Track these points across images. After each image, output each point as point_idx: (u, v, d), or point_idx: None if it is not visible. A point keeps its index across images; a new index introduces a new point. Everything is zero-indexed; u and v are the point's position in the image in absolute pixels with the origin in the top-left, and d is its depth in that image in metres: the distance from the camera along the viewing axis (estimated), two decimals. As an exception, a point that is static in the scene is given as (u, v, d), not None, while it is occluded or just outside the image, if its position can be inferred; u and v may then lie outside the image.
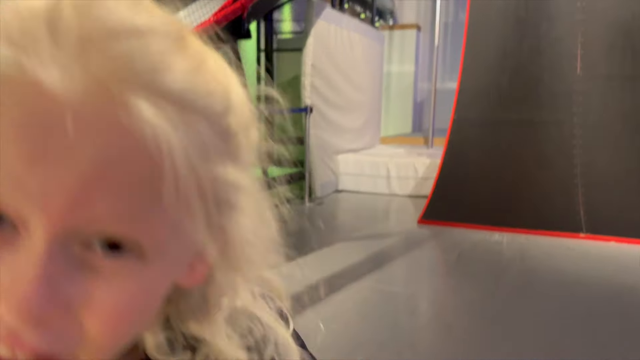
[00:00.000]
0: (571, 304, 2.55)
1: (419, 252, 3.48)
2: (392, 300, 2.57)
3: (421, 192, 5.45)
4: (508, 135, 4.55)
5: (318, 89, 5.14)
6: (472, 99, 4.82)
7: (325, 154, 5.43)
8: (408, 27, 11.44)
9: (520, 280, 2.90)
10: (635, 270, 3.06)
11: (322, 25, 5.10)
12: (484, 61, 4.90)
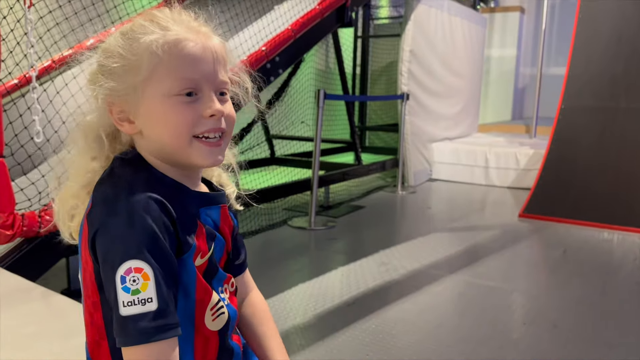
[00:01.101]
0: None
1: (520, 247, 3.34)
2: (491, 295, 2.51)
3: (522, 184, 5.21)
4: (621, 126, 4.21)
5: (415, 75, 5.06)
6: (582, 86, 4.51)
7: (419, 142, 5.35)
8: (511, 10, 10.84)
9: (634, 280, 2.69)
10: None
11: (423, 9, 4.99)
12: (597, 46, 4.55)
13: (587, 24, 4.60)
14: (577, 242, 3.37)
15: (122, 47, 0.69)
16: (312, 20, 2.78)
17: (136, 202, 0.63)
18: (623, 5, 4.48)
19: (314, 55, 5.15)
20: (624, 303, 2.42)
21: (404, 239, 3.40)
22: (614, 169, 4.06)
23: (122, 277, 0.61)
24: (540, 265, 3.15)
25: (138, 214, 0.63)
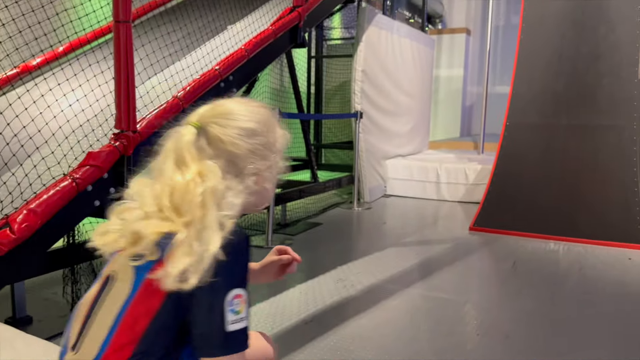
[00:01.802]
0: (634, 319, 2.46)
1: (471, 259, 3.44)
2: (446, 307, 2.57)
3: (472, 198, 5.38)
4: (564, 142, 4.43)
5: (368, 95, 5.17)
6: (525, 104, 4.73)
7: (374, 159, 5.45)
8: (458, 31, 11.31)
9: (580, 291, 2.83)
10: None
11: (373, 31, 5.13)
12: (539, 65, 4.80)
13: (528, 45, 4.86)
14: (525, 254, 3.51)
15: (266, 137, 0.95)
16: (265, 41, 2.81)
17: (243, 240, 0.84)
18: (563, 26, 4.76)
19: (269, 75, 5.18)
20: (572, 312, 2.53)
21: (361, 254, 3.44)
22: (557, 182, 4.26)
23: (229, 302, 0.78)
24: (492, 277, 3.25)
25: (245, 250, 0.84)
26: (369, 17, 4.98)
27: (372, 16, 5.06)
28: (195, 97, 2.30)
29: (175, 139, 0.87)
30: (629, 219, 3.84)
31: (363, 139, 5.14)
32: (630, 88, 4.35)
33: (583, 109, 4.49)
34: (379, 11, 5.47)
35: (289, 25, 3.09)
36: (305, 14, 3.22)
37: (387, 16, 5.70)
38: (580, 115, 4.48)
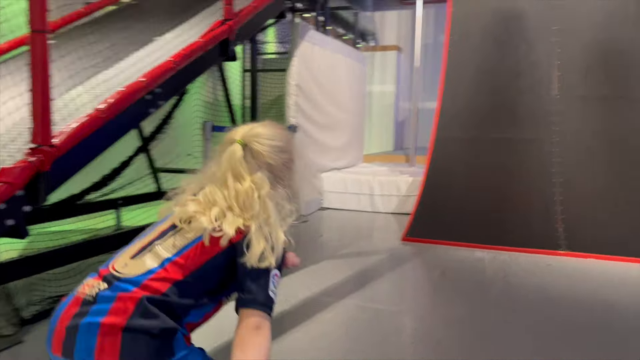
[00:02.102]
0: (554, 320, 2.60)
1: (404, 269, 3.52)
2: (379, 317, 2.60)
3: (404, 209, 5.52)
4: (489, 154, 4.65)
5: (302, 109, 5.21)
6: (452, 119, 4.92)
7: (310, 172, 5.47)
8: (389, 49, 11.68)
9: (504, 297, 2.95)
10: (615, 287, 3.15)
11: (307, 46, 5.19)
12: (464, 82, 5.02)
13: (454, 62, 5.08)
14: (454, 263, 3.63)
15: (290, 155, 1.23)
16: (194, 53, 2.76)
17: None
18: (486, 44, 5.02)
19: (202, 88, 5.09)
20: (498, 318, 2.63)
21: (297, 268, 3.41)
22: (483, 193, 4.46)
23: (273, 276, 1.08)
24: (423, 286, 3.33)
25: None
26: (302, 33, 5.03)
27: (305, 32, 5.12)
28: (119, 110, 2.20)
29: (229, 154, 1.15)
30: (549, 227, 4.07)
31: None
32: (548, 104, 4.64)
33: (506, 123, 4.74)
34: (312, 27, 5.55)
35: (220, 38, 3.05)
36: (236, 28, 3.20)
37: (320, 32, 5.78)
38: (503, 129, 4.72)
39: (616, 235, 3.91)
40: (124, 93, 2.27)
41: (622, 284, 3.19)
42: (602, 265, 3.58)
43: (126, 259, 1.09)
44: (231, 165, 1.13)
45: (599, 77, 4.53)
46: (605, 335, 2.41)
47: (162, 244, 1.10)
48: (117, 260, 1.10)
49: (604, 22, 4.62)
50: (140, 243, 1.13)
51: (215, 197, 1.12)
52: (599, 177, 4.24)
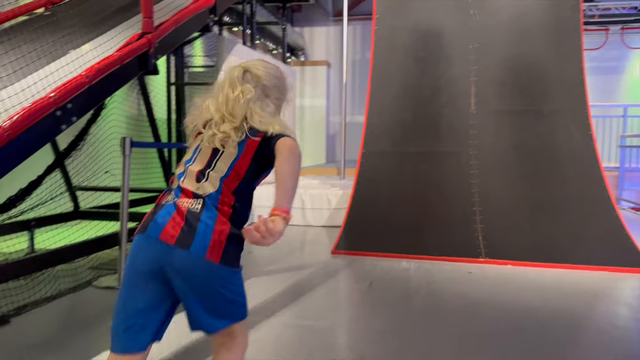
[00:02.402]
0: (474, 326, 2.71)
1: (333, 283, 3.53)
2: (306, 334, 2.58)
3: (335, 222, 5.57)
4: (413, 167, 4.80)
5: (230, 123, 5.15)
6: (379, 133, 5.05)
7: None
8: (319, 64, 11.88)
9: (428, 306, 3.04)
10: (530, 291, 3.33)
11: (234, 60, 5.15)
12: (388, 97, 5.17)
13: (379, 78, 5.23)
14: (381, 273, 3.69)
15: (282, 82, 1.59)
16: (109, 67, 2.65)
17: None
18: (408, 61, 5.20)
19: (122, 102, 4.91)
20: (421, 327, 2.70)
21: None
22: (408, 205, 4.59)
23: (293, 174, 1.40)
24: (350, 298, 3.36)
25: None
26: (229, 47, 5.00)
27: (232, 46, 5.08)
28: (24, 127, 2.07)
29: (230, 73, 1.52)
30: (470, 236, 4.25)
31: (226, 167, 5.08)
32: (466, 118, 4.88)
33: (428, 137, 4.92)
34: (240, 41, 5.52)
35: (138, 52, 2.96)
36: (156, 41, 3.12)
37: (247, 46, 5.76)
38: (425, 142, 4.90)
39: (531, 242, 4.14)
40: (31, 110, 2.14)
41: (537, 289, 3.38)
42: (519, 272, 3.78)
43: (192, 182, 1.43)
44: (229, 81, 1.50)
45: (512, 92, 4.83)
46: (522, 340, 2.53)
47: (214, 169, 1.43)
48: (185, 182, 1.44)
49: (515, 39, 4.94)
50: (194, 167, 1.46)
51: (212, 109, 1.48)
52: (514, 186, 4.49)
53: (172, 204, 1.41)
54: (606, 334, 2.63)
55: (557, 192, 4.38)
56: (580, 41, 4.82)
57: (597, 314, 2.96)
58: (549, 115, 4.66)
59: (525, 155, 4.60)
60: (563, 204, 4.32)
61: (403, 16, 5.30)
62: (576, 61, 4.75)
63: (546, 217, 4.27)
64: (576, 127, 4.57)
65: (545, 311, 2.93)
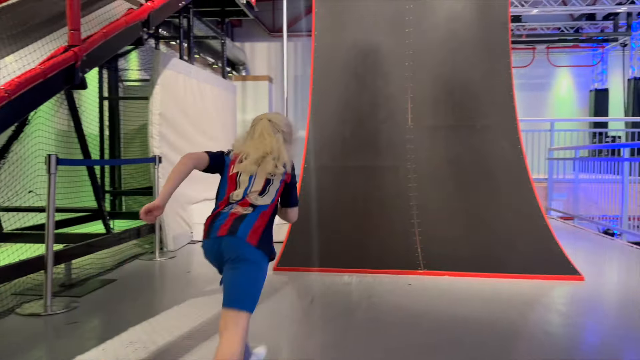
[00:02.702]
0: (413, 339, 2.73)
1: (275, 300, 3.47)
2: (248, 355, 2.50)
3: (278, 238, 5.43)
4: (353, 181, 4.84)
5: (167, 138, 5.00)
6: (320, 148, 5.06)
7: (177, 205, 5.24)
8: (261, 79, 11.85)
9: (368, 319, 3.04)
10: (467, 302, 3.40)
11: (170, 74, 5.03)
12: (329, 113, 5.21)
13: (319, 94, 5.26)
14: (323, 289, 3.67)
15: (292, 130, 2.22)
16: (31, 81, 2.50)
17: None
18: (346, 78, 5.27)
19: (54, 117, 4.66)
20: (364, 341, 2.68)
21: (160, 310, 3.20)
22: (350, 219, 4.61)
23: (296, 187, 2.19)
24: (293, 315, 3.31)
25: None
26: (164, 61, 4.87)
27: (168, 60, 4.96)
28: None
29: (259, 123, 2.12)
30: (409, 248, 4.32)
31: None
32: (403, 133, 4.99)
33: (367, 151, 4.99)
34: (176, 55, 5.40)
35: (63, 65, 2.81)
36: (84, 54, 2.98)
37: (185, 61, 5.65)
38: (365, 157, 4.96)
39: (467, 252, 4.26)
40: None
41: (474, 299, 3.46)
42: (456, 282, 3.87)
43: (256, 197, 2.01)
44: (264, 130, 2.10)
45: (446, 108, 4.99)
46: (459, 352, 2.58)
47: (266, 192, 2.04)
48: (250, 197, 2.00)
49: (448, 57, 5.12)
50: (255, 188, 2.03)
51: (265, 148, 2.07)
52: (450, 199, 4.62)
53: (227, 212, 1.99)
54: (538, 341, 2.72)
55: (491, 203, 4.55)
56: (509, 59, 5.06)
57: (530, 322, 3.07)
58: (482, 130, 4.85)
59: (460, 168, 4.75)
60: (496, 215, 4.48)
61: (341, 33, 5.38)
62: (505, 78, 4.99)
63: (481, 228, 4.41)
64: (507, 141, 4.78)
65: (481, 321, 3.01)
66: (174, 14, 5.12)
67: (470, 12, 5.18)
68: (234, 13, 7.04)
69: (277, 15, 14.20)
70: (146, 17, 4.00)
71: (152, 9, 4.07)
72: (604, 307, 3.36)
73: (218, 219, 1.97)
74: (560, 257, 4.14)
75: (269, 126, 2.08)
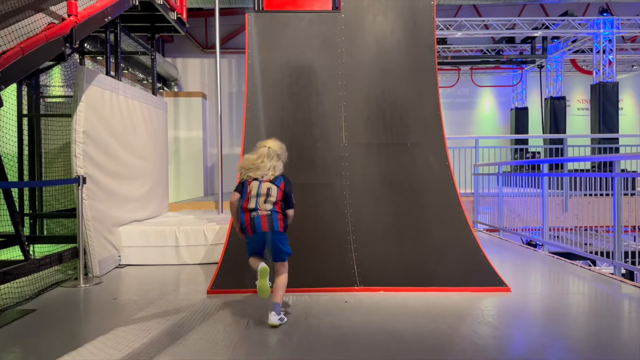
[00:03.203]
0: (348, 358, 2.72)
1: (209, 326, 3.36)
2: (176, 385, 2.40)
3: (212, 259, 5.38)
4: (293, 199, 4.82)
5: (92, 157, 4.77)
6: (255, 166, 5.01)
7: (104, 227, 4.99)
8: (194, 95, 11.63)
9: (304, 342, 3.01)
10: (401, 317, 3.46)
11: (95, 90, 4.82)
12: (264, 130, 5.19)
13: (254, 111, 5.23)
14: (259, 311, 3.60)
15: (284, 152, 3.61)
16: None
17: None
18: (281, 96, 5.29)
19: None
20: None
21: (83, 340, 3.01)
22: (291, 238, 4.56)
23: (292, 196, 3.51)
24: (228, 340, 3.20)
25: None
26: (89, 77, 4.66)
27: (93, 76, 4.76)
28: None
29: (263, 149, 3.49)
30: (345, 265, 4.35)
31: (89, 205, 4.67)
32: (338, 150, 5.06)
33: (303, 169, 5.00)
34: (101, 70, 5.19)
35: (-26, 82, 2.61)
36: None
37: (112, 77, 5.44)
38: (301, 175, 4.97)
39: (400, 267, 4.35)
40: None
41: (407, 314, 3.53)
42: (391, 297, 3.93)
43: (263, 205, 3.34)
44: (265, 155, 3.44)
45: (378, 126, 5.12)
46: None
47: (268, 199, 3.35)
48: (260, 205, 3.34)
49: (379, 77, 5.28)
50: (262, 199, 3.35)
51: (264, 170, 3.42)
52: (383, 215, 4.71)
53: (258, 216, 3.33)
54: (468, 354, 2.80)
55: (421, 218, 4.69)
56: (436, 79, 5.29)
57: (461, 335, 3.16)
58: (412, 148, 5.02)
59: (392, 184, 4.87)
60: (426, 230, 4.62)
61: (275, 52, 5.41)
62: (433, 98, 5.20)
63: (412, 243, 4.53)
64: (435, 158, 4.96)
65: (413, 336, 3.06)
66: (101, 28, 4.93)
67: (398, 34, 5.37)
68: (165, 29, 6.88)
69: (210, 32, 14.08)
70: (69, 32, 3.81)
71: (75, 23, 3.88)
72: (529, 317, 3.53)
73: (255, 220, 3.34)
74: (488, 269, 4.32)
75: (268, 152, 3.45)
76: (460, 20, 12.73)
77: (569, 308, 3.71)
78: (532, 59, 14.51)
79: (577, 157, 8.75)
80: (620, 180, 4.81)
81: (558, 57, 14.99)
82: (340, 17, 5.43)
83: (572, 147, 10.75)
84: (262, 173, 3.38)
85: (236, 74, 13.90)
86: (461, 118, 15.83)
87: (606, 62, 12.68)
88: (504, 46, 15.02)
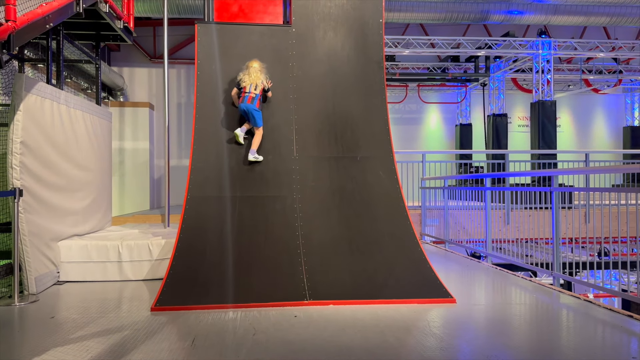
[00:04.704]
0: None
1: (152, 344, 3.23)
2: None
3: (157, 275, 5.22)
4: (240, 212, 4.78)
5: (30, 169, 4.54)
6: (204, 178, 4.94)
7: (41, 242, 4.75)
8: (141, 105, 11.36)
9: (252, 357, 2.95)
10: (350, 330, 3.46)
11: (35, 99, 4.60)
12: (213, 142, 5.12)
13: (203, 123, 5.15)
14: (206, 328, 3.51)
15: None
16: None
17: None
18: (229, 109, 5.24)
19: None
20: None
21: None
22: (235, 252, 4.51)
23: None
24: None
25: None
26: (28, 85, 4.45)
27: (32, 84, 4.54)
28: None
29: (253, 66, 5.23)
30: (295, 278, 4.33)
31: (25, 219, 4.43)
32: (289, 163, 5.05)
33: (254, 181, 4.97)
34: (42, 78, 4.97)
35: None
36: None
37: (53, 85, 5.21)
38: (251, 187, 4.93)
39: (350, 280, 4.37)
40: None
41: (356, 327, 3.54)
42: (340, 311, 3.93)
43: (253, 89, 5.15)
44: (254, 68, 5.21)
45: (329, 140, 5.16)
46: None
47: (256, 89, 5.15)
48: (250, 90, 5.15)
49: (329, 92, 5.34)
50: (252, 87, 5.15)
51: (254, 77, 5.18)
52: (333, 228, 4.73)
53: (247, 97, 5.12)
54: (415, 365, 2.83)
55: (370, 231, 4.74)
56: (385, 95, 5.40)
57: (408, 348, 3.19)
58: (361, 161, 5.08)
59: (343, 198, 4.91)
60: (375, 242, 4.68)
61: (225, 64, 5.37)
62: (382, 113, 5.30)
63: (362, 256, 4.57)
64: (384, 172, 5.05)
65: (362, 350, 3.07)
66: (42, 35, 4.72)
67: (348, 50, 5.46)
68: (111, 37, 6.68)
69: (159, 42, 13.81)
70: (6, 38, 3.63)
71: (13, 29, 3.70)
72: (474, 328, 3.62)
73: (245, 99, 5.00)
74: (434, 281, 4.41)
75: (258, 65, 5.18)
76: (408, 38, 13.11)
77: (511, 318, 3.84)
78: (475, 77, 15.13)
79: (517, 172, 9.15)
80: (558, 195, 5.06)
81: (500, 75, 15.70)
82: (292, 32, 5.47)
83: (513, 162, 11.24)
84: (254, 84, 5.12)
85: (185, 84, 13.68)
86: (409, 133, 16.25)
87: (545, 82, 13.38)
88: (449, 64, 15.58)
